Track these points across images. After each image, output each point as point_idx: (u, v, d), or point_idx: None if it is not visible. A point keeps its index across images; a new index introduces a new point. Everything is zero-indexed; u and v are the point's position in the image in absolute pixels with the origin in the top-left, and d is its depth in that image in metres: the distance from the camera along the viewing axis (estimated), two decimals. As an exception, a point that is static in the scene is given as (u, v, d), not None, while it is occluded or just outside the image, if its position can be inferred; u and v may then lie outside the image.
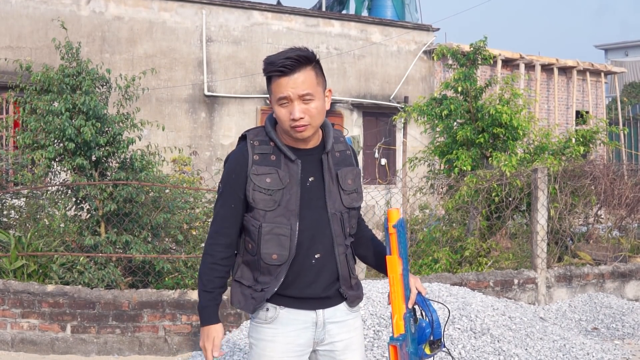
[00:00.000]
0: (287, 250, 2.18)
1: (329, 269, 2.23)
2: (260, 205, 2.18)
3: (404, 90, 14.62)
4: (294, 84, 2.12)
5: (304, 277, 2.21)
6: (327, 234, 2.21)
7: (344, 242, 2.25)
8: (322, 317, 2.25)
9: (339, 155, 2.28)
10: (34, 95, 5.97)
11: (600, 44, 35.64)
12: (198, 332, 5.11)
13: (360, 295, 2.34)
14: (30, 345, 5.13)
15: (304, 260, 2.20)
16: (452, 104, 7.64)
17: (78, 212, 5.97)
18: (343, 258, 2.25)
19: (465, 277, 5.85)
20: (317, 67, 2.19)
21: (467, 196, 6.72)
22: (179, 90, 12.46)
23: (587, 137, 7.79)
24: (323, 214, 2.21)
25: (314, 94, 2.15)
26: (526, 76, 14.74)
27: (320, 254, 2.21)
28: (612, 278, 6.51)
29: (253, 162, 2.19)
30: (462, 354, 4.45)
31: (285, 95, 2.12)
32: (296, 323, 2.23)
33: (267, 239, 2.18)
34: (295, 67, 2.12)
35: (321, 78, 2.20)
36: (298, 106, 2.12)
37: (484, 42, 8.07)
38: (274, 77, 2.15)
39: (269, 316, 2.23)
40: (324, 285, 2.23)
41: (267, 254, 2.19)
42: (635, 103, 21.53)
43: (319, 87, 2.18)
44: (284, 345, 2.23)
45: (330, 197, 2.22)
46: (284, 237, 2.18)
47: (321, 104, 2.18)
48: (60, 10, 11.45)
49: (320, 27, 13.96)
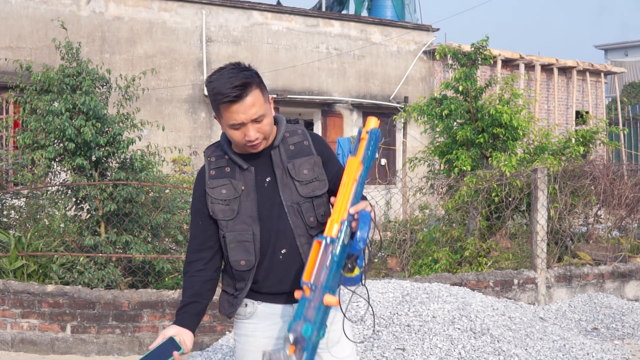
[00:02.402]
0: (253, 255, 2.23)
1: (296, 262, 2.24)
2: (220, 215, 2.24)
3: (404, 91, 14.63)
4: (244, 110, 2.14)
5: (274, 275, 2.25)
6: (288, 228, 2.24)
7: (306, 232, 2.24)
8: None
9: (294, 148, 2.29)
10: (34, 95, 5.98)
11: (600, 44, 35.68)
12: (198, 332, 5.11)
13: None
14: (30, 345, 5.13)
15: (271, 258, 2.24)
16: (452, 104, 7.64)
17: (78, 212, 5.97)
18: (307, 248, 2.24)
19: (465, 277, 5.85)
20: (261, 83, 2.21)
21: (467, 196, 6.72)
22: (179, 90, 12.46)
23: (587, 137, 7.79)
24: (282, 209, 2.24)
25: (265, 113, 2.18)
26: (526, 76, 14.74)
27: (286, 248, 2.24)
28: (612, 278, 6.51)
29: (209, 177, 2.27)
30: (462, 354, 4.45)
31: (239, 122, 2.15)
32: (274, 317, 2.28)
33: (232, 247, 2.24)
34: (244, 92, 2.13)
35: (265, 92, 2.23)
36: (252, 128, 2.16)
37: (485, 41, 8.07)
38: (222, 104, 2.16)
39: (248, 311, 2.29)
40: (293, 280, 2.24)
41: (235, 262, 2.24)
42: (635, 103, 21.54)
43: (266, 104, 2.21)
44: (263, 339, 2.27)
45: (285, 191, 2.25)
46: (248, 243, 2.23)
47: (270, 117, 2.22)
48: (60, 10, 11.46)
49: (320, 27, 13.96)
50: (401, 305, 4.95)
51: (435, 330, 4.66)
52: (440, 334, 4.62)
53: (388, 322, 4.77)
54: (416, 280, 5.61)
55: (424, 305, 4.94)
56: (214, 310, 5.12)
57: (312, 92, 13.76)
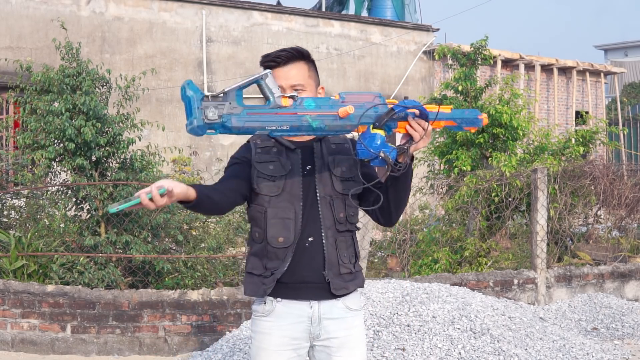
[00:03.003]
0: (292, 233, 2.25)
1: (319, 253, 2.28)
2: (265, 191, 2.28)
3: (404, 91, 14.63)
4: (286, 75, 2.27)
5: (299, 260, 2.28)
6: (317, 218, 2.28)
7: (334, 226, 2.29)
8: (317, 311, 2.29)
9: (335, 147, 2.37)
10: (34, 95, 5.98)
11: (600, 44, 35.69)
12: (198, 332, 5.12)
13: (348, 286, 2.31)
14: (30, 346, 5.14)
15: (300, 244, 2.27)
16: (452, 104, 7.64)
17: (78, 212, 5.98)
18: (331, 242, 2.28)
19: (465, 277, 5.85)
20: (310, 64, 2.34)
21: (466, 196, 6.72)
22: (179, 90, 12.46)
23: (587, 137, 7.79)
24: (315, 199, 2.29)
25: (306, 86, 2.29)
26: (526, 76, 14.74)
27: (313, 237, 2.28)
28: (612, 278, 6.51)
29: (256, 153, 2.32)
30: (462, 354, 4.45)
31: (279, 85, 2.21)
32: (291, 317, 2.29)
33: (272, 223, 2.26)
34: (289, 59, 2.28)
35: (314, 73, 2.34)
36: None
37: (485, 41, 8.08)
38: (268, 68, 2.25)
39: (266, 309, 2.30)
40: (315, 269, 2.28)
41: (273, 238, 2.26)
42: (635, 103, 21.54)
43: (311, 81, 2.32)
44: (279, 338, 2.28)
45: (321, 182, 2.29)
46: (289, 220, 2.26)
47: (312, 95, 2.29)
48: (60, 10, 11.46)
49: (320, 27, 13.96)
50: (401, 305, 4.95)
51: (435, 330, 4.66)
52: (440, 334, 4.62)
53: (388, 322, 4.77)
54: (416, 280, 5.61)
55: (424, 305, 4.94)
56: (214, 310, 5.12)
57: (312, 92, 13.75)
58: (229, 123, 1.99)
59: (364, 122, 2.11)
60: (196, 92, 1.98)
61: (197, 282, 5.90)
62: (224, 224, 6.57)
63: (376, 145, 2.10)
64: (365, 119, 2.11)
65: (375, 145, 2.10)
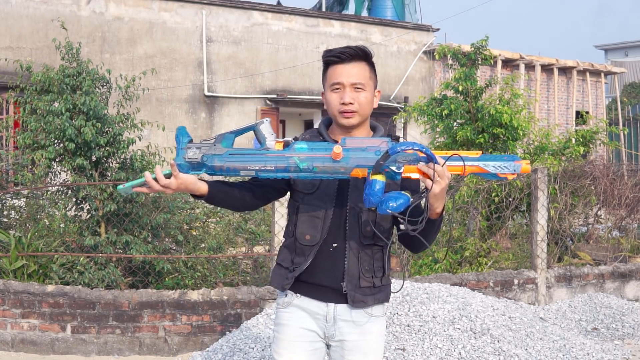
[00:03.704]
0: (319, 232, 2.26)
1: (340, 261, 2.28)
2: (299, 187, 2.30)
3: (404, 91, 14.63)
4: (347, 72, 2.26)
5: (321, 262, 2.28)
6: (344, 226, 2.28)
7: (359, 238, 2.26)
8: (332, 312, 2.29)
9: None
10: (34, 95, 5.98)
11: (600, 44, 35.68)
12: (198, 332, 5.12)
13: (366, 300, 2.28)
14: (30, 346, 5.13)
15: (326, 246, 2.28)
16: (453, 104, 7.64)
17: (78, 212, 5.97)
18: (354, 254, 2.26)
19: (465, 277, 5.85)
20: (371, 66, 2.33)
21: (467, 196, 6.72)
22: (179, 90, 12.46)
23: (587, 137, 7.79)
24: (345, 205, 2.28)
25: (365, 85, 2.28)
26: (526, 76, 14.74)
27: (337, 243, 2.28)
28: (612, 278, 6.51)
29: None
30: (462, 354, 4.45)
31: (339, 82, 2.26)
32: (308, 311, 2.31)
33: (302, 220, 2.29)
34: (352, 57, 2.28)
35: (373, 75, 2.34)
36: (349, 93, 2.25)
37: (485, 41, 8.08)
38: (330, 64, 2.29)
39: (286, 301, 2.33)
40: (335, 276, 2.27)
41: (301, 234, 2.28)
42: (635, 103, 21.53)
43: (371, 82, 2.31)
44: (296, 329, 2.31)
45: (354, 191, 2.27)
46: (318, 219, 2.27)
47: (370, 97, 2.30)
48: (60, 10, 11.46)
49: (320, 27, 13.96)
50: (401, 306, 4.95)
51: (435, 330, 4.66)
52: (441, 334, 4.62)
53: (388, 322, 4.77)
54: (416, 281, 5.61)
55: (424, 305, 4.94)
56: (214, 311, 5.12)
57: (312, 92, 13.76)
58: (210, 162, 2.11)
59: (363, 165, 2.06)
60: (183, 136, 2.14)
61: (197, 282, 5.90)
62: (224, 224, 6.56)
63: (374, 192, 2.04)
64: (364, 162, 2.06)
65: (372, 191, 2.04)
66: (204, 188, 2.18)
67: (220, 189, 2.23)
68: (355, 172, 2.08)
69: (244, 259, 6.26)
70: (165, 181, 2.10)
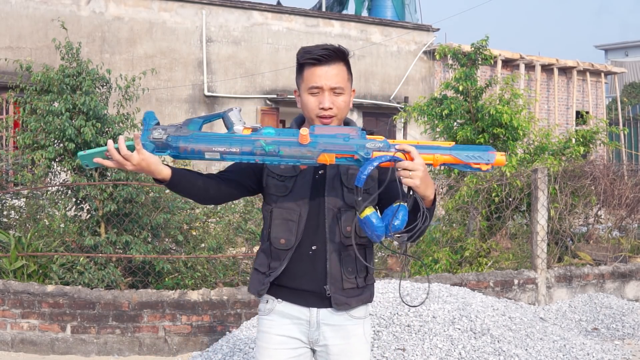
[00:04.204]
0: (294, 236, 2.21)
1: (322, 264, 2.22)
2: (272, 190, 2.24)
3: (404, 91, 14.63)
4: (326, 76, 2.17)
5: (300, 267, 2.23)
6: (323, 228, 2.22)
7: (339, 239, 2.20)
8: (315, 316, 2.25)
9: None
10: (34, 95, 5.98)
11: (600, 44, 35.69)
12: (198, 332, 5.11)
13: (350, 302, 2.23)
14: (30, 346, 5.13)
15: (303, 250, 2.23)
16: (453, 104, 7.64)
17: (78, 212, 5.97)
18: (335, 256, 2.21)
19: (465, 277, 5.85)
20: (348, 65, 2.25)
21: (467, 196, 6.72)
22: (179, 90, 12.46)
23: (587, 137, 7.79)
24: (322, 208, 2.22)
25: (344, 89, 2.21)
26: (526, 76, 14.74)
27: (316, 246, 2.22)
28: (612, 278, 6.51)
29: None
30: (462, 354, 4.45)
31: (318, 85, 2.17)
32: (290, 317, 2.26)
33: (276, 224, 2.23)
34: (331, 59, 2.18)
35: (350, 75, 2.26)
36: (329, 97, 2.18)
37: (485, 41, 8.07)
38: (307, 65, 2.19)
39: (267, 308, 2.29)
40: (316, 280, 2.22)
41: (276, 238, 2.23)
42: (635, 103, 21.53)
43: (349, 83, 2.24)
44: (278, 336, 2.26)
45: (331, 191, 2.22)
46: (292, 223, 2.21)
47: (348, 99, 2.24)
48: (60, 10, 11.45)
49: (320, 27, 13.96)
50: (401, 306, 4.95)
51: (435, 330, 4.66)
52: (441, 334, 4.62)
53: (388, 322, 4.77)
54: (416, 281, 5.60)
55: (424, 305, 4.94)
56: (214, 311, 5.12)
57: (312, 92, 13.74)
58: (174, 143, 2.06)
59: (330, 150, 2.03)
60: (150, 119, 2.11)
61: (197, 283, 5.89)
62: (224, 224, 6.56)
63: (376, 226, 1.97)
64: (332, 148, 2.03)
65: (374, 227, 1.97)
66: (166, 172, 2.10)
67: (184, 176, 2.15)
68: (322, 158, 2.04)
69: (244, 259, 6.26)
70: (126, 151, 2.03)
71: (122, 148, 2.04)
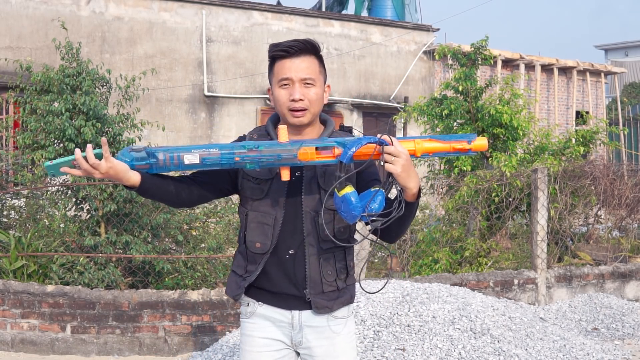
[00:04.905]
0: (270, 240, 2.18)
1: (301, 268, 2.19)
2: (248, 193, 2.21)
3: (404, 91, 14.62)
4: (296, 67, 2.15)
5: (278, 270, 2.21)
6: (300, 232, 2.19)
7: (317, 243, 2.17)
8: (297, 319, 2.22)
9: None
10: (34, 95, 5.98)
11: (600, 44, 35.66)
12: (198, 332, 5.11)
13: (331, 305, 2.21)
14: (30, 346, 5.13)
15: (280, 254, 2.20)
16: (452, 104, 7.64)
17: (78, 212, 5.97)
18: (314, 260, 2.18)
19: (465, 277, 5.85)
20: (320, 59, 2.23)
21: (467, 196, 6.72)
22: (179, 90, 12.46)
23: (587, 137, 7.79)
24: (299, 211, 2.19)
25: (315, 81, 2.18)
26: (526, 76, 14.73)
27: (294, 250, 2.20)
28: (612, 278, 6.51)
29: None
30: (462, 354, 4.45)
31: (288, 77, 2.15)
32: (272, 320, 2.25)
33: (252, 227, 2.20)
34: (301, 51, 2.17)
35: (323, 69, 2.23)
36: (299, 88, 2.15)
37: (485, 41, 8.08)
38: (277, 58, 2.18)
39: (249, 311, 2.27)
40: (296, 283, 2.20)
41: (251, 242, 2.20)
42: (635, 103, 21.52)
43: (321, 76, 2.21)
44: (260, 339, 2.25)
45: (308, 194, 2.18)
46: (268, 226, 2.18)
47: (321, 92, 2.20)
48: (60, 10, 11.45)
49: (320, 27, 13.96)
50: (401, 306, 4.95)
51: (435, 330, 4.66)
52: (441, 334, 4.62)
53: (388, 322, 4.77)
54: (416, 281, 5.60)
55: (424, 305, 4.94)
56: (214, 311, 5.12)
57: (312, 92, 13.74)
58: (154, 152, 2.09)
59: (309, 143, 2.04)
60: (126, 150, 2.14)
61: (197, 283, 5.89)
62: (224, 224, 6.56)
63: (353, 205, 1.95)
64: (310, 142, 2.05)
65: (352, 205, 1.95)
66: (135, 178, 2.09)
67: (154, 182, 2.14)
68: (303, 154, 2.03)
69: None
70: (94, 160, 2.02)
71: (89, 157, 2.03)
